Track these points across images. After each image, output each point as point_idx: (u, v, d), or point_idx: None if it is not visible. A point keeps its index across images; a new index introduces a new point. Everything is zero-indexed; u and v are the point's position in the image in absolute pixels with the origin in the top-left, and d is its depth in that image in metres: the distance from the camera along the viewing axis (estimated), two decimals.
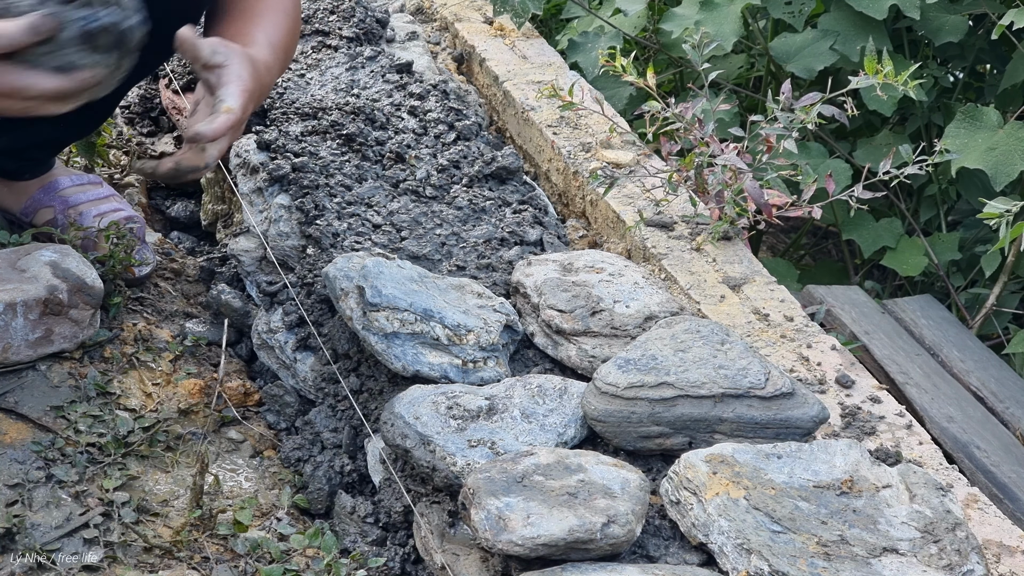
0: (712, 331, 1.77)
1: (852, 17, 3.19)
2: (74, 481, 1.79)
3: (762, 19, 3.46)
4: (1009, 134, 2.93)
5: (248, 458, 1.98)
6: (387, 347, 1.80)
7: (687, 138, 2.30)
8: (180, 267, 2.33)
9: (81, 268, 1.97)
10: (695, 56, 2.32)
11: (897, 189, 3.37)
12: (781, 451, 1.60)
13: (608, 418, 1.66)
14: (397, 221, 2.12)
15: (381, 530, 1.79)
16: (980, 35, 3.35)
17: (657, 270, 2.17)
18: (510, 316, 1.87)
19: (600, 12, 3.54)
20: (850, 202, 2.27)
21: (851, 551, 1.46)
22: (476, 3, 3.02)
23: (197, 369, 2.07)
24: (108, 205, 2.21)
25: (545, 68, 2.75)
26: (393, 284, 1.83)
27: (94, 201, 2.21)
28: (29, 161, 2.20)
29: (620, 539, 1.48)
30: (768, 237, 3.76)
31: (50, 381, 1.93)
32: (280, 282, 2.06)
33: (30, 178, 2.21)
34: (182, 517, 1.81)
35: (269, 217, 2.12)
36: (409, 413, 1.68)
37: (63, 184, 2.22)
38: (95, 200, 2.22)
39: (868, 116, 3.35)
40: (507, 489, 1.51)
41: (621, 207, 2.31)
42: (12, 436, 1.84)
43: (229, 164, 2.31)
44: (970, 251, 3.32)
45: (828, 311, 2.60)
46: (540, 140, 2.54)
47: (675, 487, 1.56)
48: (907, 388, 2.39)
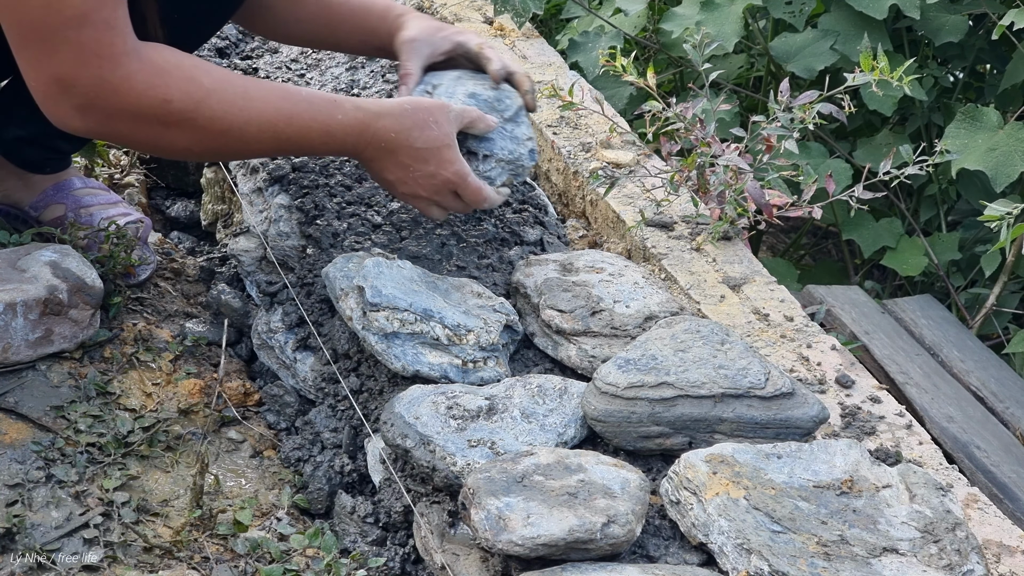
0: (712, 331, 1.77)
1: (852, 17, 3.19)
2: (74, 481, 1.79)
3: (762, 19, 3.46)
4: (1009, 134, 2.93)
5: (248, 458, 1.98)
6: (387, 347, 1.80)
7: (687, 138, 2.30)
8: (180, 267, 2.33)
9: (81, 268, 1.97)
10: (696, 56, 2.32)
11: (897, 189, 3.37)
12: (781, 451, 1.60)
13: (608, 418, 1.66)
14: (397, 221, 2.12)
15: (381, 530, 1.79)
16: (980, 35, 3.35)
17: (657, 270, 2.17)
18: (510, 316, 1.87)
19: (600, 12, 3.54)
20: (850, 202, 2.27)
21: (851, 551, 1.46)
22: (476, 3, 3.02)
23: (197, 369, 2.07)
24: (117, 210, 2.22)
25: (545, 68, 2.75)
26: (393, 284, 1.83)
27: (103, 205, 2.22)
28: (54, 153, 2.20)
29: (620, 539, 1.48)
30: (768, 237, 3.76)
31: (50, 381, 1.93)
32: (280, 282, 2.06)
33: (50, 171, 2.22)
34: (182, 517, 1.81)
35: (269, 217, 2.12)
36: (409, 413, 1.68)
37: (76, 185, 2.23)
38: (104, 204, 2.23)
39: (868, 116, 3.35)
40: (507, 489, 1.51)
41: (621, 207, 2.31)
42: (12, 436, 1.84)
43: (229, 164, 2.31)
44: (970, 251, 3.32)
45: (828, 311, 2.60)
46: (540, 140, 2.54)
47: (675, 487, 1.56)
48: (907, 388, 2.39)
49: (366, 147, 1.87)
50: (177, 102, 1.73)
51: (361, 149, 1.87)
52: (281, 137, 1.81)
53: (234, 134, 1.78)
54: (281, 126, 1.80)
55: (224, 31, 2.63)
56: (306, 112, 1.82)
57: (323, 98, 1.86)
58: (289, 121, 1.81)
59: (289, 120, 1.80)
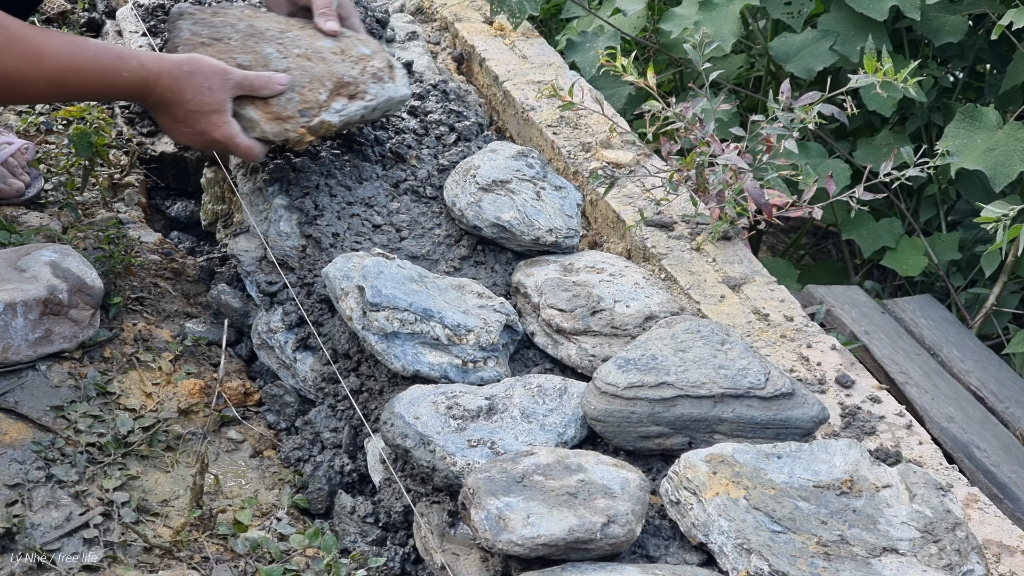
0: (712, 331, 1.77)
1: (852, 17, 3.19)
2: (74, 481, 1.79)
3: (762, 19, 3.46)
4: (1008, 134, 2.93)
5: (248, 458, 1.98)
6: (387, 347, 1.80)
7: (687, 138, 2.30)
8: (180, 267, 2.33)
9: (81, 268, 1.97)
10: (695, 56, 2.32)
11: (897, 189, 3.37)
12: (781, 451, 1.60)
13: (608, 418, 1.66)
14: (397, 221, 2.12)
15: (381, 530, 1.79)
16: (980, 35, 3.35)
17: (657, 270, 2.17)
18: (510, 316, 1.88)
19: (600, 12, 3.54)
20: (850, 202, 2.27)
21: (851, 551, 1.46)
22: (476, 3, 3.02)
23: (197, 369, 2.07)
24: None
25: (545, 68, 2.75)
26: (393, 284, 1.83)
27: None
28: None
29: (620, 539, 1.48)
30: (768, 237, 3.76)
31: (50, 381, 1.93)
32: (280, 282, 2.06)
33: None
34: (182, 517, 1.81)
35: (269, 217, 2.13)
36: (409, 413, 1.68)
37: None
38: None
39: (868, 116, 3.35)
40: (507, 489, 1.51)
41: (621, 207, 2.31)
42: (12, 436, 1.84)
43: (229, 164, 2.31)
44: (970, 251, 3.32)
45: (828, 311, 2.60)
46: (540, 140, 2.54)
47: (675, 487, 1.56)
48: (907, 388, 2.39)
49: (146, 100, 2.06)
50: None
51: (142, 100, 2.07)
52: (69, 91, 2.02)
53: (27, 88, 1.97)
54: (70, 80, 1.97)
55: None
56: (94, 69, 1.99)
57: (111, 55, 2.03)
58: (77, 76, 1.98)
59: (77, 75, 1.97)
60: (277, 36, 2.18)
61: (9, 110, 2.66)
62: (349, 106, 2.12)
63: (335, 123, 2.11)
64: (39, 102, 2.36)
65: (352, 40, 2.22)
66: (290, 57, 2.14)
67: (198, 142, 2.10)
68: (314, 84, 2.11)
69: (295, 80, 2.10)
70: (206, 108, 2.04)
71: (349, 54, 2.18)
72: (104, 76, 1.99)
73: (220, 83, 2.04)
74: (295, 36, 2.18)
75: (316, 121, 2.09)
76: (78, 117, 2.62)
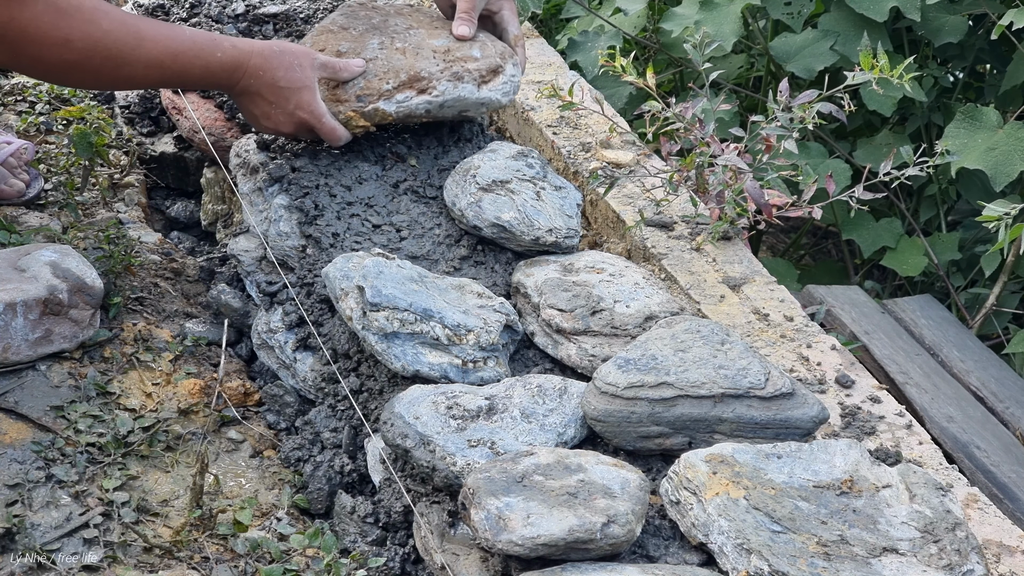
0: (712, 331, 1.77)
1: (852, 18, 3.20)
2: (74, 481, 1.79)
3: (762, 19, 3.46)
4: (1009, 134, 2.94)
5: (248, 458, 1.98)
6: (387, 347, 1.80)
7: (687, 138, 2.30)
8: (180, 267, 2.33)
9: (81, 268, 1.97)
10: (696, 56, 2.32)
11: (897, 189, 3.38)
12: (781, 451, 1.60)
13: (608, 418, 1.66)
14: (397, 221, 2.13)
15: (381, 530, 1.79)
16: (980, 35, 3.35)
17: (657, 270, 2.17)
18: (510, 316, 1.88)
19: (600, 12, 3.54)
20: (850, 202, 2.27)
21: (851, 551, 1.46)
22: None
23: (197, 369, 2.07)
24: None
25: (545, 68, 2.75)
26: (393, 284, 1.83)
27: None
28: None
29: (620, 539, 1.48)
30: (768, 237, 3.76)
31: (50, 381, 1.93)
32: (280, 282, 2.06)
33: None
34: (182, 517, 1.81)
35: (269, 217, 2.12)
36: (409, 413, 1.68)
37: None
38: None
39: (868, 116, 3.35)
40: (507, 489, 1.51)
41: (621, 207, 2.31)
42: (12, 436, 1.84)
43: (229, 164, 2.31)
44: (970, 251, 3.32)
45: (828, 311, 2.60)
46: (540, 140, 2.54)
47: (675, 487, 1.56)
48: (907, 388, 2.39)
49: (238, 83, 2.07)
50: (77, 42, 1.92)
51: (234, 84, 2.08)
52: (167, 73, 2.03)
53: (126, 70, 1.99)
54: (168, 63, 2.01)
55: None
56: (190, 51, 2.02)
57: (205, 38, 2.06)
58: (175, 59, 2.01)
59: (175, 58, 2.01)
60: (399, 32, 2.20)
61: (9, 110, 2.66)
62: (413, 99, 2.14)
63: (391, 112, 2.13)
64: (138, 87, 2.39)
65: (474, 45, 2.21)
66: (387, 50, 2.16)
67: (287, 124, 2.11)
68: (387, 75, 2.14)
69: (372, 69, 2.13)
70: (297, 84, 2.07)
71: (453, 55, 2.18)
72: (200, 57, 2.03)
73: (308, 61, 2.09)
74: (414, 33, 2.20)
75: (370, 108, 2.12)
76: (78, 117, 2.62)
